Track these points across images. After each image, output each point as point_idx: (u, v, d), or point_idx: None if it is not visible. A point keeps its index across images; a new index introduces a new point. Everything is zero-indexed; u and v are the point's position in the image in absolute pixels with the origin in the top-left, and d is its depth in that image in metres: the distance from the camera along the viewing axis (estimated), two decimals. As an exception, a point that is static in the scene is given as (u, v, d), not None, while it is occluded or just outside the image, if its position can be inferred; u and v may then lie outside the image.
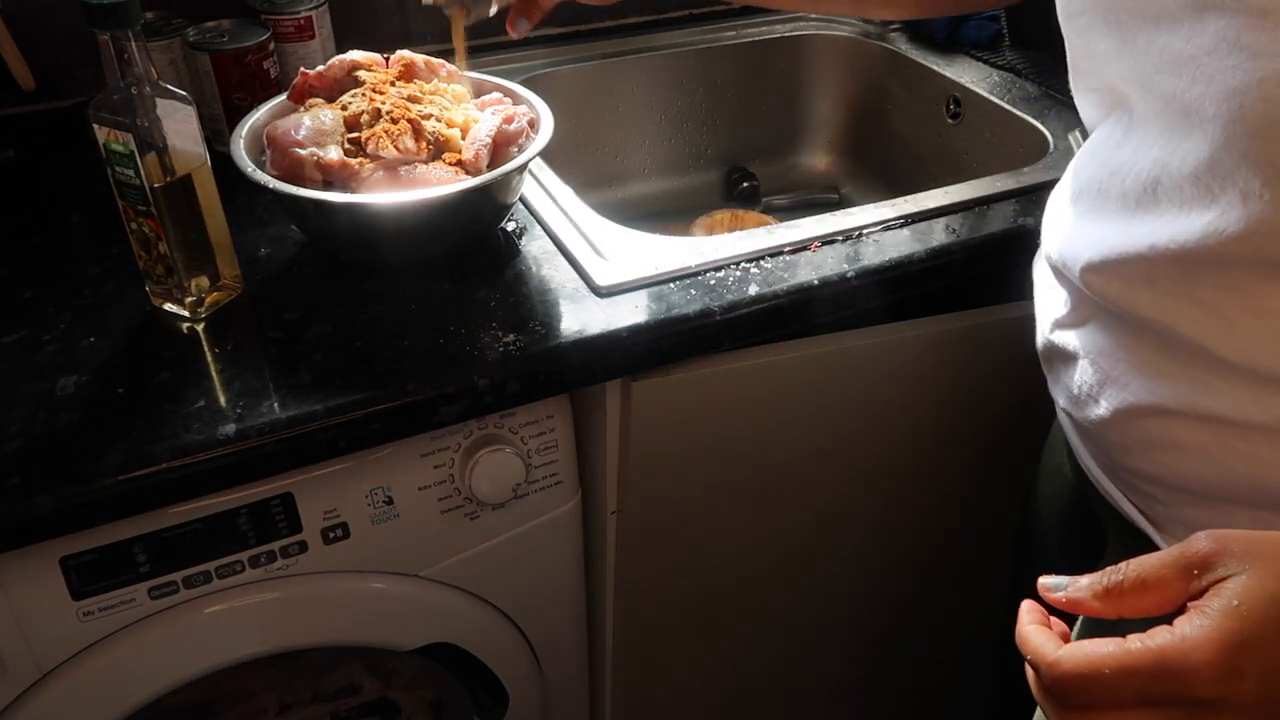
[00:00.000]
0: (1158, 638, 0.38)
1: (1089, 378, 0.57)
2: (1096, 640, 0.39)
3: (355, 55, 0.82)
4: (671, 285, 0.76)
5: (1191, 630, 0.37)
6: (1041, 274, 0.64)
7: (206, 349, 0.70)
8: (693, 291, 0.75)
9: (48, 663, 0.68)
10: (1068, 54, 0.58)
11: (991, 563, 1.09)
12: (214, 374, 0.67)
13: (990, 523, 1.04)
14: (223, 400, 0.65)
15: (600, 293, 0.75)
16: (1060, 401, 0.62)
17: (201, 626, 0.71)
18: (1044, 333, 0.62)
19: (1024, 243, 0.83)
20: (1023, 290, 0.68)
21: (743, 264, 0.78)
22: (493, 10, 0.85)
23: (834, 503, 0.93)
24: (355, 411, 0.65)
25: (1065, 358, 0.59)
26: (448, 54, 0.87)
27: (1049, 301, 0.62)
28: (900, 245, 0.81)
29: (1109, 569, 0.42)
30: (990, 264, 0.83)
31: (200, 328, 0.72)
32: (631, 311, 0.73)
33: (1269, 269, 0.46)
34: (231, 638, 0.73)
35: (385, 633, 0.80)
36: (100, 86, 0.65)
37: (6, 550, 0.60)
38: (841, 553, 0.98)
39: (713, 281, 0.76)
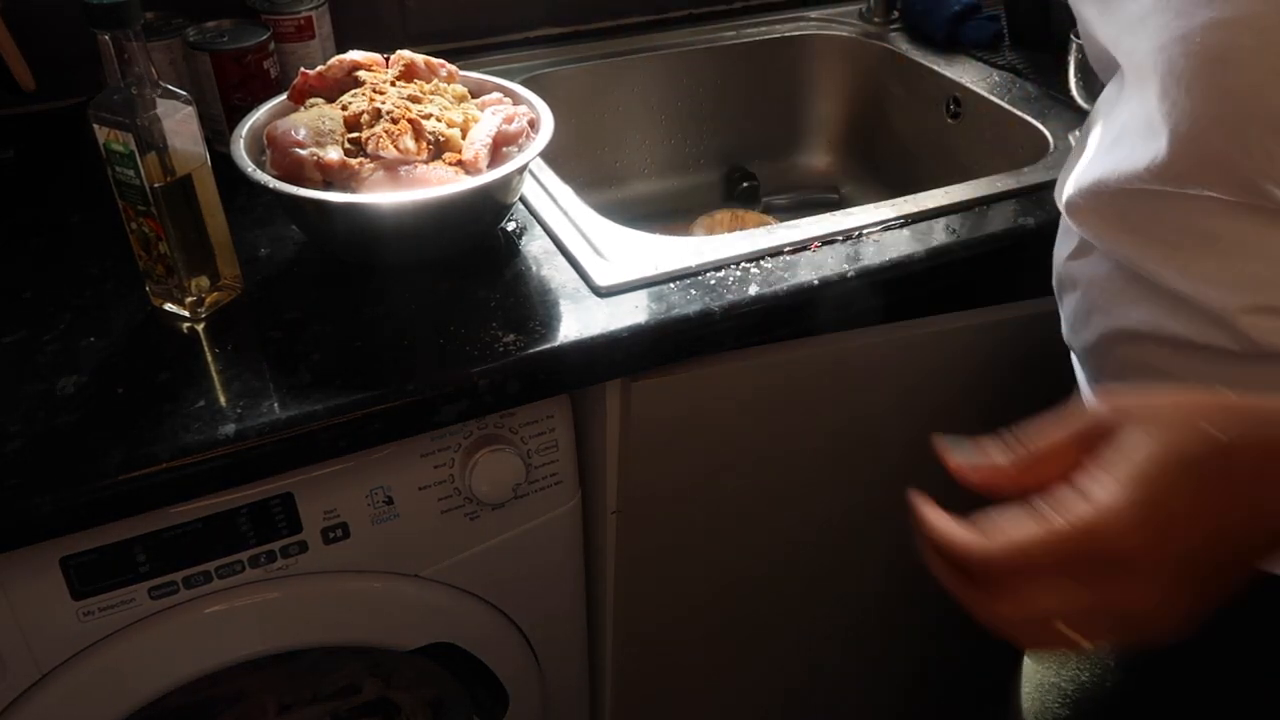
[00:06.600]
0: (1077, 510, 0.38)
1: (1081, 306, 0.62)
2: (1012, 519, 0.39)
3: (355, 55, 0.82)
4: (671, 285, 0.76)
5: (1111, 500, 0.37)
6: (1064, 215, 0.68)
7: (206, 349, 0.70)
8: (693, 291, 0.75)
9: (48, 663, 0.68)
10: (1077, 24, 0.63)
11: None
12: (214, 374, 0.67)
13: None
14: (223, 400, 0.65)
15: (600, 293, 0.75)
16: (1064, 331, 0.66)
17: (201, 626, 0.71)
18: (1056, 267, 0.67)
19: (1024, 242, 0.83)
20: (1022, 290, 0.68)
21: (743, 264, 0.78)
22: None
23: (833, 502, 0.93)
24: (355, 411, 0.65)
25: (1066, 288, 0.65)
26: (448, 54, 0.87)
27: (1063, 238, 0.66)
28: (900, 245, 0.81)
29: (1015, 438, 0.43)
30: (990, 264, 0.83)
31: (200, 328, 0.72)
32: (631, 311, 0.73)
33: (1196, 202, 0.51)
34: (231, 638, 0.73)
35: (385, 633, 0.80)
36: (100, 86, 0.65)
37: (6, 550, 0.60)
38: (841, 553, 0.98)
39: (713, 281, 0.76)
